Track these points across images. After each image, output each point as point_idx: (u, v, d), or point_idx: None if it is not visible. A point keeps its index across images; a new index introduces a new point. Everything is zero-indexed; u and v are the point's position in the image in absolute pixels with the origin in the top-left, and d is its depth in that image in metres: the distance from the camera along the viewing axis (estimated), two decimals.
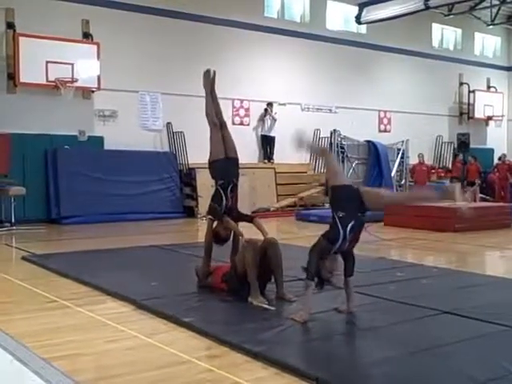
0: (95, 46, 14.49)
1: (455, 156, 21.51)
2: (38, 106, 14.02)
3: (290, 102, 18.38)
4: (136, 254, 8.98)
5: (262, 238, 6.26)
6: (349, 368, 4.11)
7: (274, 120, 17.59)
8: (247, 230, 6.53)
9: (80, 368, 4.12)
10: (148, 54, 15.82)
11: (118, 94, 15.22)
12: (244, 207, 16.69)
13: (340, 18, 20.16)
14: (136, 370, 4.08)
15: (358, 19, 18.86)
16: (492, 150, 23.86)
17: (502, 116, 24.22)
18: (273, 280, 6.10)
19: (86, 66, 14.24)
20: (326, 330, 5.07)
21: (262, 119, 17.80)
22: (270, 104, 17.67)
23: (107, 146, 15.12)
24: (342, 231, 5.07)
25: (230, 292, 6.17)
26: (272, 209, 16.38)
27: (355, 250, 5.43)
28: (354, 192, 5.25)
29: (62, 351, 4.45)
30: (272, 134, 17.67)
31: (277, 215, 15.86)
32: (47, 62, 13.65)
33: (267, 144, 17.78)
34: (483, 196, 19.69)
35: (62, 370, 3.94)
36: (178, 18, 16.31)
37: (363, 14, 18.57)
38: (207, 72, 7.12)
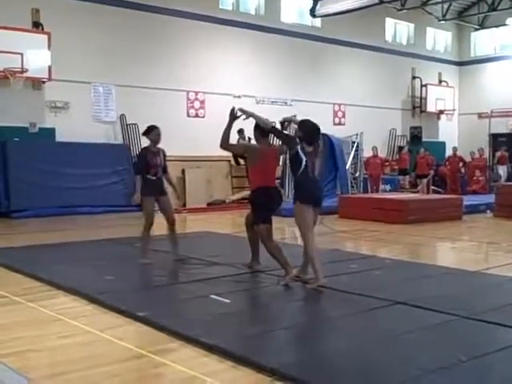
0: (46, 36, 14.16)
1: (400, 149, 21.92)
2: None
3: (245, 94, 18.34)
4: (90, 248, 8.85)
5: None
6: (303, 359, 4.14)
7: None
8: None
9: (32, 365, 4.04)
10: (101, 45, 15.56)
11: (70, 85, 14.92)
12: (200, 198, 16.67)
13: (295, 11, 20.21)
14: (90, 366, 4.02)
15: (312, 12, 18.97)
16: (444, 144, 24.37)
17: (453, 110, 24.73)
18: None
19: (36, 56, 13.88)
20: (281, 322, 5.10)
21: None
22: (240, 131, 16.26)
23: (59, 137, 14.83)
24: None
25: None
26: (228, 200, 16.39)
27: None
28: None
29: (13, 348, 4.35)
30: None
31: (232, 208, 15.86)
32: None
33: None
34: (435, 188, 20.09)
35: (13, 366, 3.86)
36: (132, 9, 16.09)
37: (318, 7, 18.69)
38: None
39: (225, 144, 6.54)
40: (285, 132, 6.59)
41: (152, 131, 7.74)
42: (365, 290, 5.98)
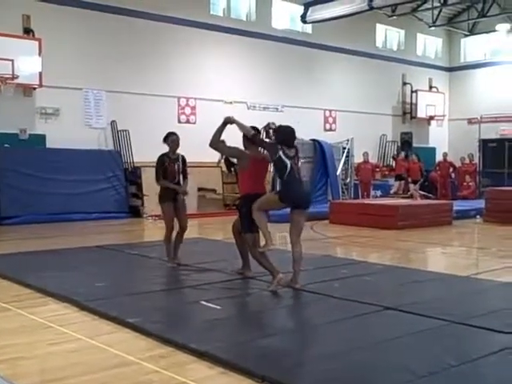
0: (37, 42, 14.12)
1: (397, 154, 21.92)
2: None
3: (236, 100, 18.36)
4: (80, 255, 8.83)
5: None
6: (294, 365, 4.14)
7: None
8: None
9: (22, 372, 4.02)
10: (92, 51, 15.53)
11: (61, 91, 14.89)
12: (191, 205, 16.75)
13: (286, 17, 20.27)
14: (80, 373, 4.01)
15: (303, 18, 19.04)
16: (434, 149, 24.47)
17: (444, 116, 24.85)
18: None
19: (26, 62, 13.83)
20: (272, 328, 5.10)
21: None
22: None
23: (49, 144, 14.79)
24: None
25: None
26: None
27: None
28: None
29: (3, 355, 4.34)
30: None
31: (224, 214, 15.85)
32: None
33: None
34: (425, 193, 20.15)
35: (3, 374, 3.84)
36: (123, 15, 16.08)
37: (308, 13, 18.76)
38: None
39: (215, 144, 6.64)
40: (266, 140, 6.63)
41: (168, 138, 7.73)
42: (355, 295, 5.99)
